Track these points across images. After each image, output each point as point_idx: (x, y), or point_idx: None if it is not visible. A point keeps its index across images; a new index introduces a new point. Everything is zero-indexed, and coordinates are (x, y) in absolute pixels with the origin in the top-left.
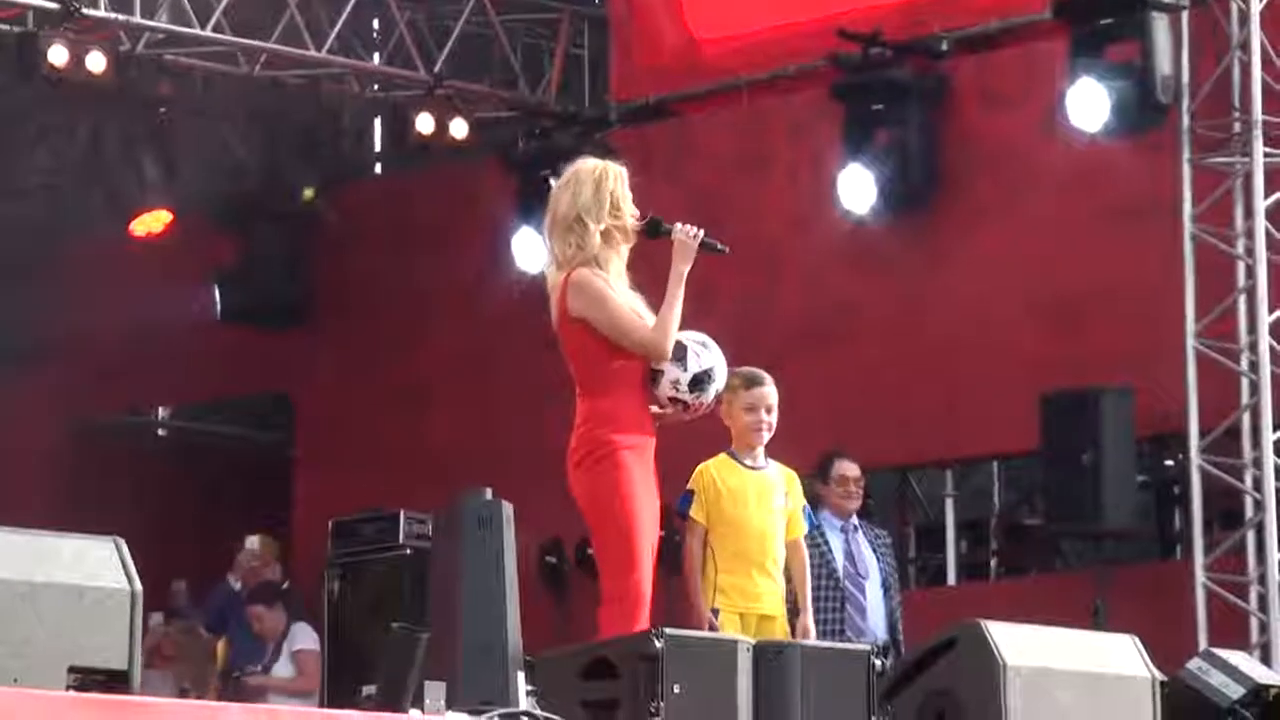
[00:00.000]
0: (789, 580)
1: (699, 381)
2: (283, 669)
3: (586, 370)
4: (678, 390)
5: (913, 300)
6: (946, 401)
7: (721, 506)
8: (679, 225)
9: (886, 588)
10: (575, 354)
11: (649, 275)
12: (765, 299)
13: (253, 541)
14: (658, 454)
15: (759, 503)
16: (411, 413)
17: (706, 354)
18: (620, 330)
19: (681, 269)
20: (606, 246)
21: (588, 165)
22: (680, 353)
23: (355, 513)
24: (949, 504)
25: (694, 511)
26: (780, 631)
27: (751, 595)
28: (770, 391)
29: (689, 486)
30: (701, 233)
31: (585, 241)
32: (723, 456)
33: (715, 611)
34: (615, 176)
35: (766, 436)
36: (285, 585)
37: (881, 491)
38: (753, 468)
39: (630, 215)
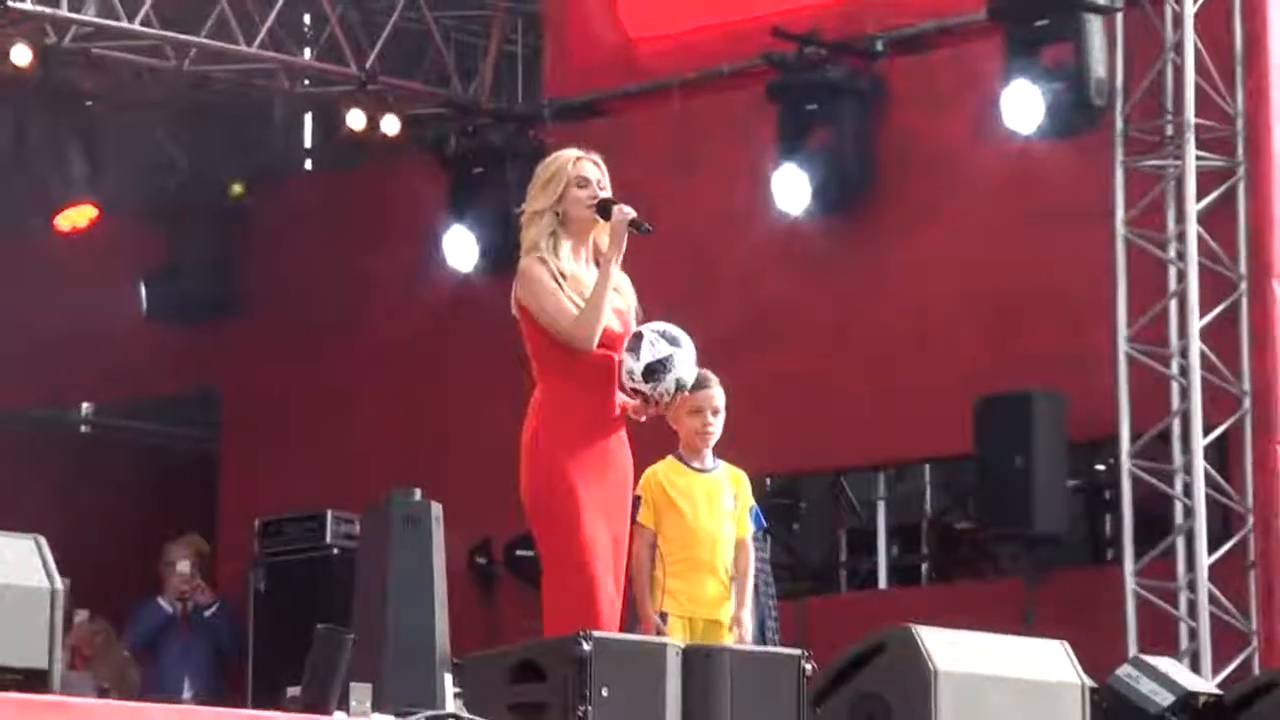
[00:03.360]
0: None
1: (652, 371)
2: None
3: (536, 359)
4: (633, 380)
5: (847, 302)
6: (879, 404)
7: (669, 510)
8: (616, 206)
9: (755, 587)
10: (527, 342)
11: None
12: (698, 300)
13: (184, 565)
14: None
15: (708, 506)
16: (340, 412)
17: (662, 344)
18: (548, 318)
19: (612, 254)
20: (566, 232)
21: (549, 156)
22: (635, 342)
23: (282, 512)
24: (881, 507)
25: (641, 516)
26: (728, 637)
27: (700, 600)
28: (716, 393)
29: (636, 492)
30: (631, 212)
31: (533, 229)
32: (670, 460)
33: (663, 616)
34: (571, 161)
35: (713, 439)
36: (215, 607)
37: (813, 494)
38: (701, 470)
39: (588, 198)
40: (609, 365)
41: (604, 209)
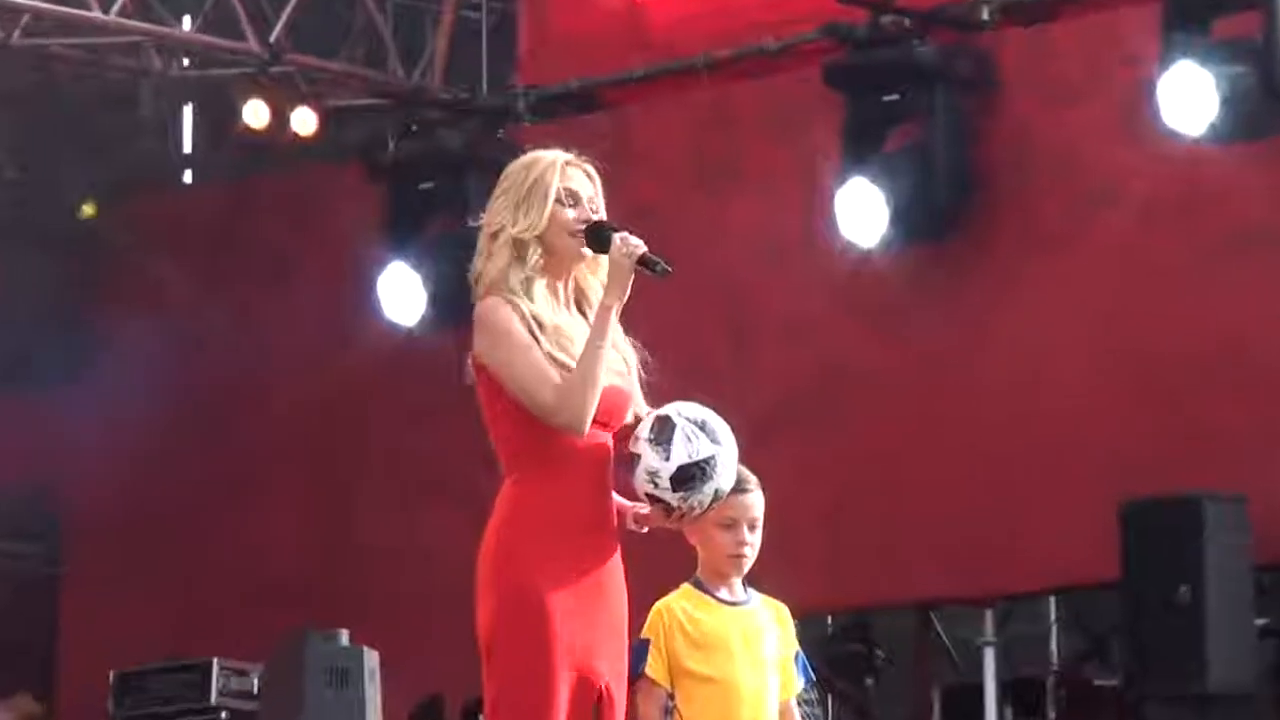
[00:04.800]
0: None
1: (688, 478)
2: None
3: (502, 439)
4: (655, 485)
5: (938, 367)
6: (986, 511)
7: (693, 659)
8: (618, 235)
9: None
10: (488, 415)
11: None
12: (731, 361)
13: None
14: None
15: (746, 652)
16: (231, 516)
17: (701, 439)
18: (520, 386)
19: (612, 302)
20: (551, 264)
21: (520, 159)
22: (663, 433)
23: (147, 659)
24: (989, 655)
25: (651, 669)
26: None
27: None
28: (756, 500)
29: (643, 634)
30: (640, 245)
31: (500, 259)
32: (687, 589)
33: None
34: (558, 168)
35: (748, 563)
36: None
37: (894, 637)
38: (732, 603)
39: (576, 221)
40: (602, 453)
41: (597, 238)
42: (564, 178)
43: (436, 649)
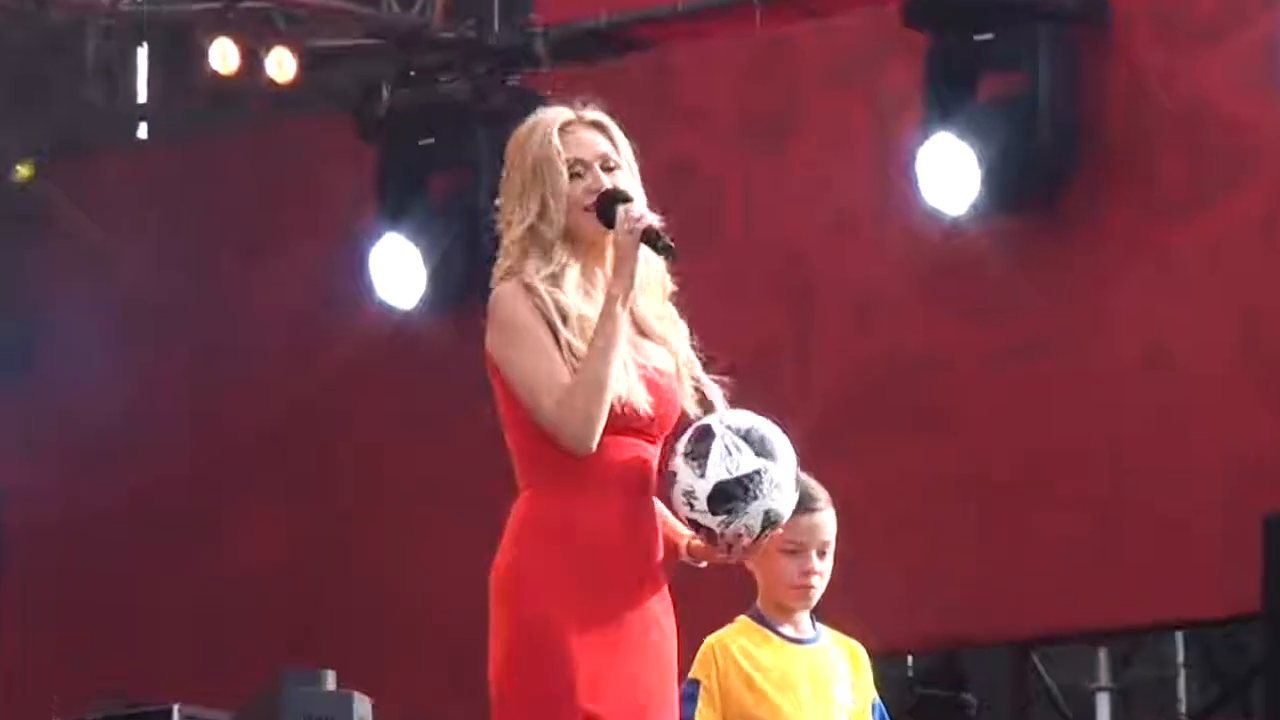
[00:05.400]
0: None
1: (726, 496)
2: None
3: (518, 445)
4: (693, 508)
5: (1038, 356)
6: (1096, 530)
7: (750, 704)
8: (623, 208)
9: None
10: (504, 417)
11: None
12: (791, 350)
13: None
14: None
15: (814, 696)
16: (197, 531)
17: (744, 451)
18: (527, 388)
19: (616, 290)
20: (569, 248)
21: (517, 131)
22: (700, 444)
23: (94, 702)
24: (1102, 702)
25: (702, 715)
26: None
27: None
28: (826, 520)
29: (692, 674)
30: (648, 216)
31: (513, 242)
32: (744, 622)
33: None
34: (555, 130)
35: (816, 594)
36: None
37: (989, 680)
38: (797, 640)
39: (586, 193)
40: (640, 467)
41: (604, 209)
42: (567, 144)
43: (439, 692)
